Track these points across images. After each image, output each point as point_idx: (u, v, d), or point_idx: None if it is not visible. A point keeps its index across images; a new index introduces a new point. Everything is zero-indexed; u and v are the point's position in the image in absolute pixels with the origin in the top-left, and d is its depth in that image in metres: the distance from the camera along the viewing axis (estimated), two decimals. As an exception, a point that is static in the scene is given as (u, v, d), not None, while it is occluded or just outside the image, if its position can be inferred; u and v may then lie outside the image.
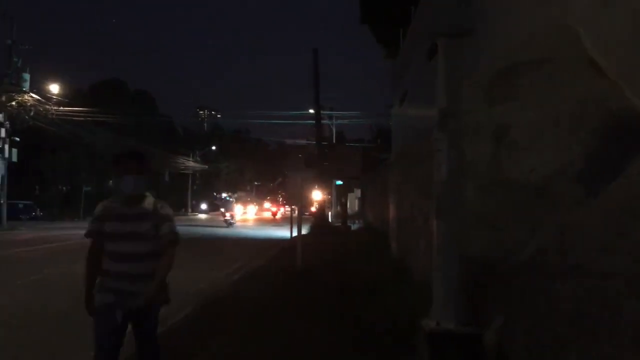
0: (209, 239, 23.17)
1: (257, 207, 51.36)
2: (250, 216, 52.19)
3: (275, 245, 19.59)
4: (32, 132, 35.83)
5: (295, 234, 18.98)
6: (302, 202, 10.91)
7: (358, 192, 43.02)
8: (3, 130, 25.18)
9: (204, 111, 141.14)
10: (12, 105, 25.93)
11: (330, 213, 31.69)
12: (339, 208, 42.56)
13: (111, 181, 50.60)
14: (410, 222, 8.49)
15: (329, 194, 43.50)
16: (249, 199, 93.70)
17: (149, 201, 3.57)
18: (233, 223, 35.48)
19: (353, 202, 44.13)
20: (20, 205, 37.85)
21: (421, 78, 14.42)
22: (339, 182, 33.38)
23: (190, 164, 58.06)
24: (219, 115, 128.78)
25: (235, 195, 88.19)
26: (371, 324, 5.83)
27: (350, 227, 26.25)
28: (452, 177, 4.05)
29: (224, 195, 75.58)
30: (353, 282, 8.63)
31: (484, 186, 4.81)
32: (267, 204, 73.80)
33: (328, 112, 35.82)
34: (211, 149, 63.86)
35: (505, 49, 5.00)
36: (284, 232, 27.12)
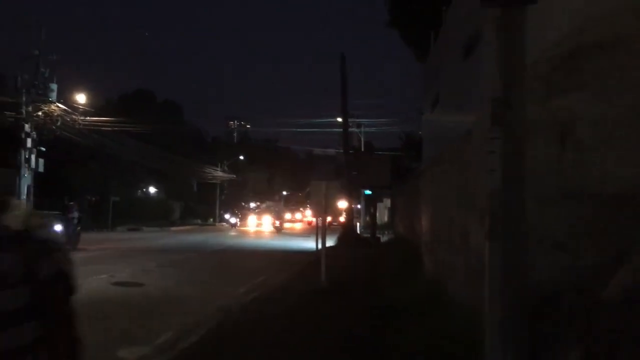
0: (235, 250, 22.50)
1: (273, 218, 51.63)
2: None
3: (304, 258, 18.76)
4: (62, 143, 36.10)
5: (320, 246, 18.18)
6: (327, 212, 10.06)
7: (387, 202, 41.99)
8: (29, 140, 25.06)
9: (234, 121, 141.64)
10: (38, 116, 25.85)
11: (358, 224, 30.72)
12: (367, 218, 41.59)
13: (139, 191, 50.83)
14: (447, 237, 7.56)
15: (357, 204, 42.56)
16: (277, 209, 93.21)
17: (15, 215, 1.78)
18: (281, 229, 43.00)
19: (382, 213, 43.07)
20: (50, 216, 37.93)
21: (455, 80, 13.47)
22: (368, 192, 32.45)
23: (218, 173, 57.82)
24: (248, 126, 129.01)
25: (264, 204, 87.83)
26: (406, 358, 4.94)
27: (379, 238, 25.28)
28: (509, 186, 3.15)
29: (252, 204, 75.21)
30: (383, 305, 7.74)
31: (546, 197, 3.88)
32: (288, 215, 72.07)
33: (357, 120, 34.81)
34: (239, 159, 63.60)
35: (570, 27, 4.09)
36: (312, 243, 26.29)
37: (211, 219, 58.64)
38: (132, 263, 15.15)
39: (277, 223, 44.47)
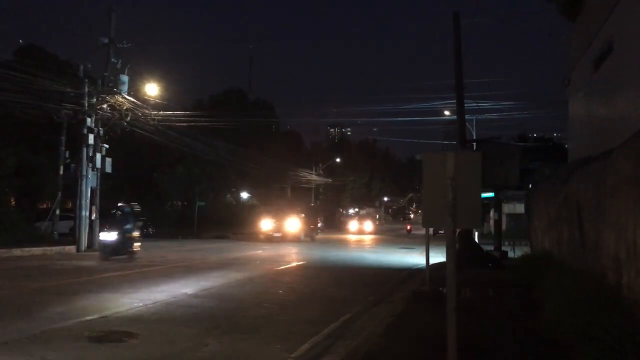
0: (314, 267, 17.80)
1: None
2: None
3: (404, 281, 13.74)
4: (149, 145, 33.82)
5: (434, 261, 12.94)
6: (461, 214, 4.54)
7: (506, 207, 35.41)
8: (91, 136, 22.06)
9: (335, 128, 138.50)
10: (102, 109, 22.91)
11: (476, 233, 24.70)
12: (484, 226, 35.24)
13: (229, 195, 47.89)
14: None
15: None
16: (377, 216, 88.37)
17: None
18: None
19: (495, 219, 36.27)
20: (132, 223, 35.62)
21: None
22: (487, 195, 26.43)
23: (313, 177, 53.82)
24: (349, 133, 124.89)
25: (364, 211, 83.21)
26: None
27: (506, 253, 19.49)
28: None
29: (350, 210, 70.76)
30: None
31: None
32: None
33: (471, 104, 27.91)
34: (335, 161, 59.24)
35: None
36: (416, 257, 21.03)
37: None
38: (162, 289, 10.90)
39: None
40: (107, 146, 23.04)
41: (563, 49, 17.12)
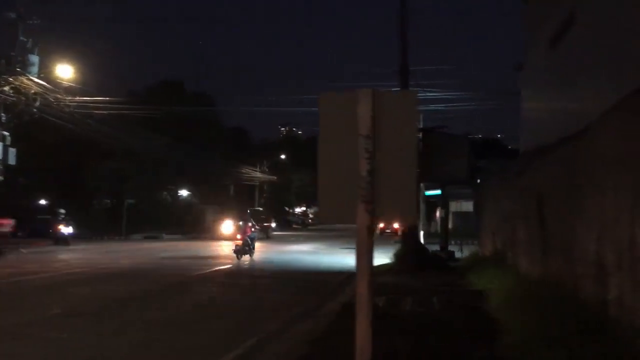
0: (236, 272, 15.73)
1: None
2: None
3: (334, 289, 11.92)
4: (76, 138, 30.80)
5: (377, 262, 11.15)
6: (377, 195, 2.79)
7: (452, 205, 34.35)
8: (-13, 123, 19.20)
9: (286, 127, 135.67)
10: (4, 92, 20.00)
11: (421, 232, 23.12)
12: (429, 224, 33.98)
13: (165, 193, 44.95)
14: None
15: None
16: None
17: None
18: None
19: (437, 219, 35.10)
20: (48, 221, 32.30)
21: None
22: (433, 193, 25.05)
23: (257, 174, 51.40)
24: (299, 132, 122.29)
25: (312, 210, 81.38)
26: None
27: (453, 253, 17.98)
28: None
29: (297, 209, 68.88)
30: None
31: None
32: None
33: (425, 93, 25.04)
34: (280, 158, 56.98)
35: None
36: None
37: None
38: (21, 308, 8.62)
39: None
40: (7, 133, 20.15)
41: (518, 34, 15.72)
